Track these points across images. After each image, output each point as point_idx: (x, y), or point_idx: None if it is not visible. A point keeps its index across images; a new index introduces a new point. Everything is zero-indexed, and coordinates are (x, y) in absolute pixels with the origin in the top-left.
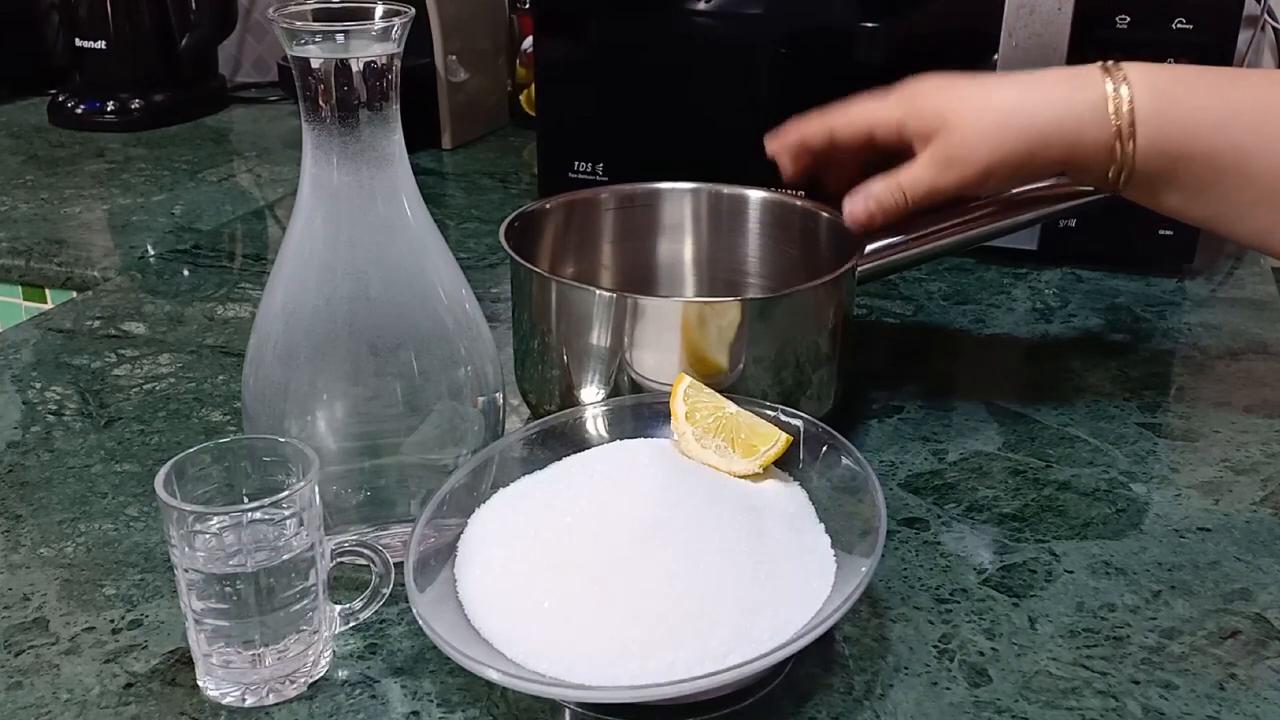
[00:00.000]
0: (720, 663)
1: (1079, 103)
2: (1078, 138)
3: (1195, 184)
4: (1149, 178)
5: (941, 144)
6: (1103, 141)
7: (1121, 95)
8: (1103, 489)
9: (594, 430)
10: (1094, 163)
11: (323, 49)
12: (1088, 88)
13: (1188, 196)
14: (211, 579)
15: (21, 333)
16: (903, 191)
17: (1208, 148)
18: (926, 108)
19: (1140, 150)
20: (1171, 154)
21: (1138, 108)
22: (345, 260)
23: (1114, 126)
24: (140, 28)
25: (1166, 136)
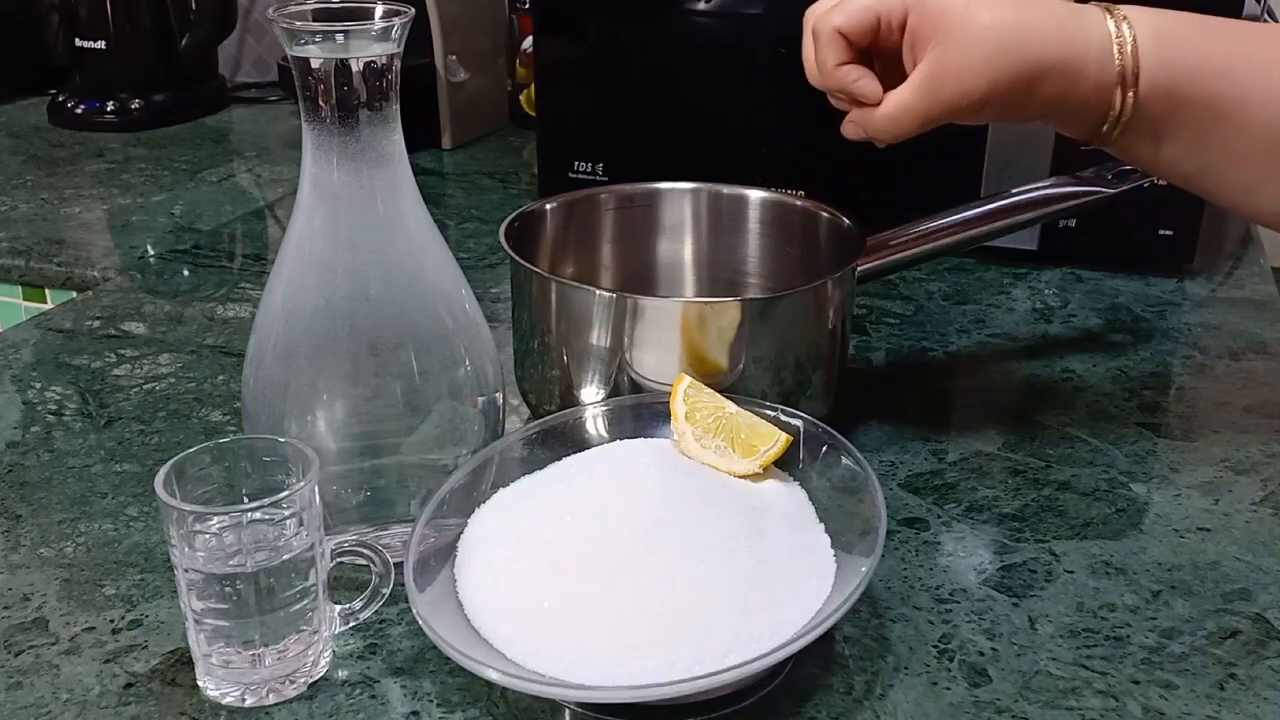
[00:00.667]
0: (720, 663)
1: (1083, 36)
2: (1079, 74)
3: (1191, 133)
4: (1144, 125)
5: (938, 59)
6: (1104, 82)
7: (1125, 35)
8: (1103, 489)
9: (594, 430)
10: (1088, 107)
11: (323, 49)
12: (1092, 24)
13: (1180, 147)
14: (211, 579)
15: (21, 333)
16: (889, 118)
17: (1210, 93)
18: (933, 8)
19: (1142, 93)
20: (1172, 98)
21: (1142, 48)
22: (345, 260)
23: (1117, 67)
24: (140, 28)
25: (1169, 80)
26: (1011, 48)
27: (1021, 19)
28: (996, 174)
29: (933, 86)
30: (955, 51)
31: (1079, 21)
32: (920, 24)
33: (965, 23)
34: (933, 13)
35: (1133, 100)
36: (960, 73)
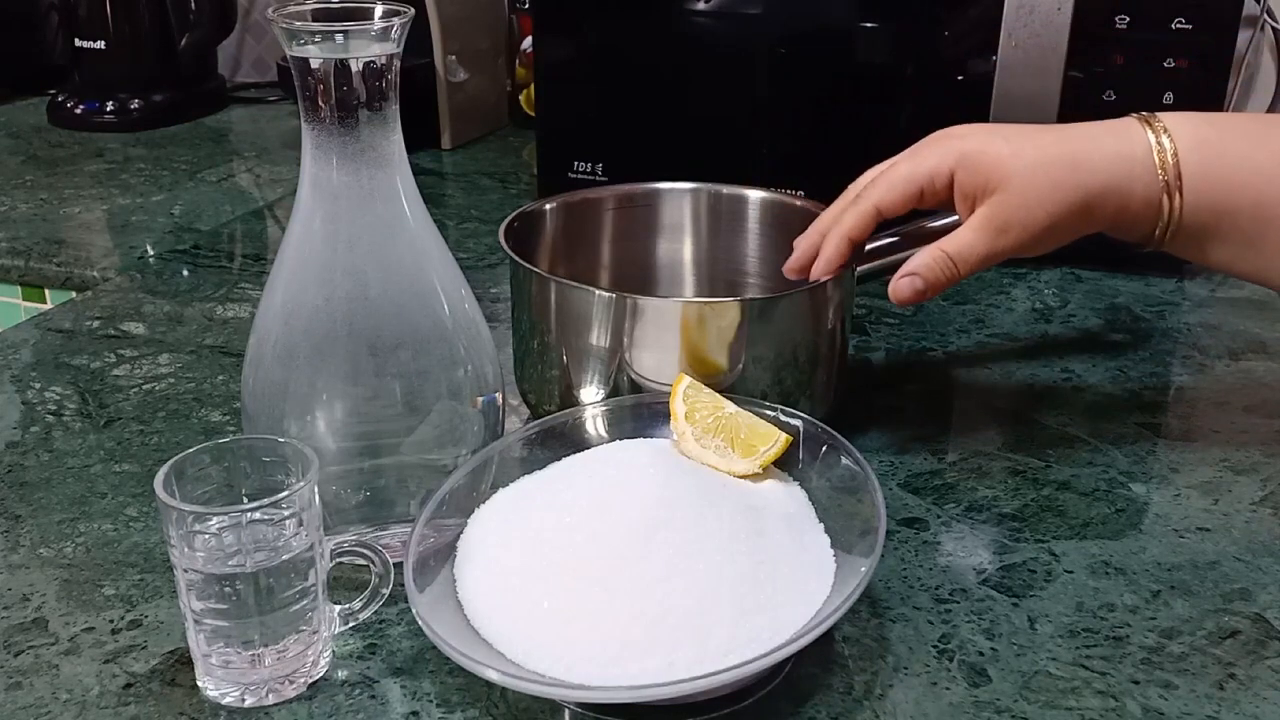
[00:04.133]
0: (719, 663)
1: (1128, 156)
2: (1128, 193)
3: (1242, 237)
4: (1194, 231)
5: (997, 206)
6: (1151, 197)
7: (1165, 147)
8: (1102, 489)
9: (594, 430)
10: (1142, 219)
11: (322, 49)
12: (1133, 140)
13: (1234, 249)
14: (211, 579)
15: (21, 333)
16: (953, 264)
17: (1254, 200)
18: (983, 162)
19: (1186, 204)
20: (1217, 207)
21: (1183, 160)
22: (344, 260)
23: (1161, 181)
24: (140, 28)
25: (1213, 189)
26: (1065, 179)
27: (1069, 151)
28: None
29: (996, 227)
30: (1014, 194)
31: (1122, 140)
32: (970, 179)
33: (1017, 166)
34: (983, 165)
35: (1180, 208)
36: (1020, 212)
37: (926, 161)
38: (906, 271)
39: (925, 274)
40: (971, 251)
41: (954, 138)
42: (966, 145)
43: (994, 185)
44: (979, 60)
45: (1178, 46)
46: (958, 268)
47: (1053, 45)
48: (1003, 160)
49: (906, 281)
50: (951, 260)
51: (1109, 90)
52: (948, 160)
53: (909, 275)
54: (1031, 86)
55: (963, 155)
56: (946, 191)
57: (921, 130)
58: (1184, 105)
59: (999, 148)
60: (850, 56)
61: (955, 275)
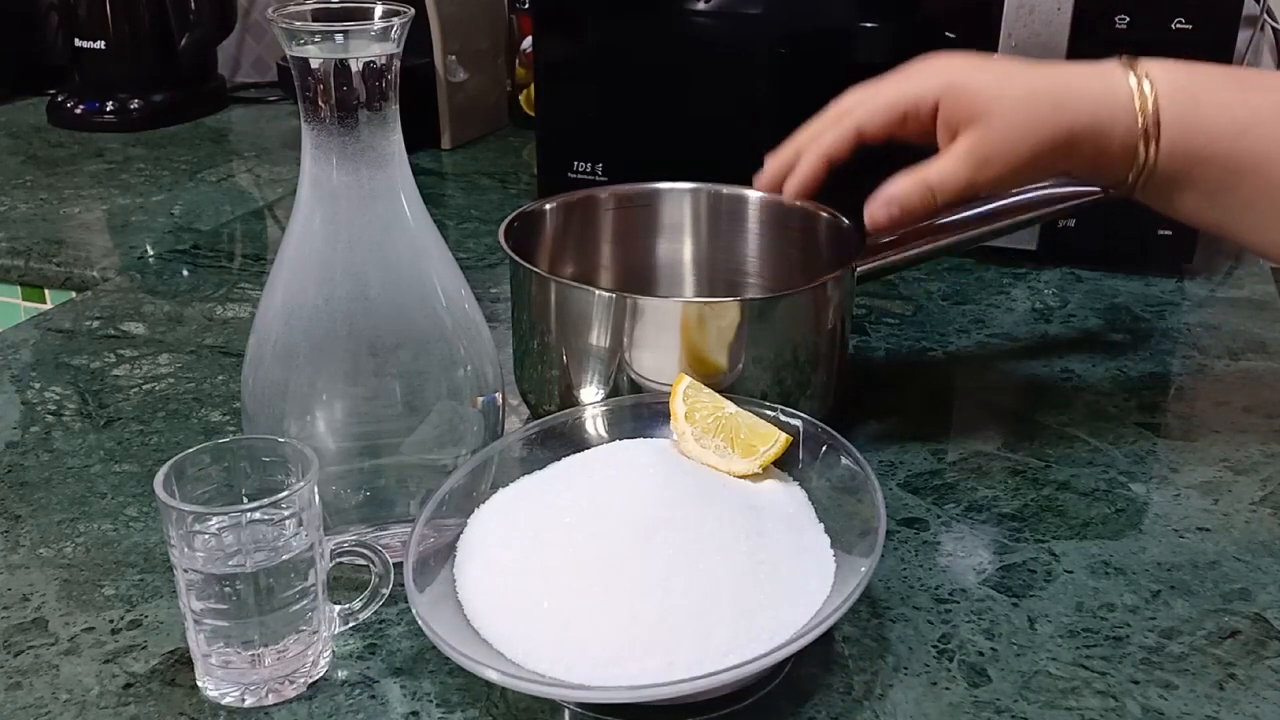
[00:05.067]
0: (719, 663)
1: (1110, 98)
2: (1108, 135)
3: (1211, 188)
4: (1166, 179)
5: (980, 136)
6: (1129, 141)
7: (1146, 92)
8: (1102, 489)
9: (593, 430)
10: (1116, 163)
11: (322, 49)
12: (1116, 83)
13: (1202, 200)
14: (211, 579)
15: (21, 333)
16: (931, 191)
17: (1227, 151)
18: (968, 91)
19: (1162, 151)
20: (1191, 156)
21: (1162, 107)
22: (344, 260)
23: (1140, 126)
24: (139, 28)
25: (1188, 138)
26: (1049, 116)
27: (1054, 88)
28: None
29: (978, 158)
30: (997, 126)
31: (1105, 83)
32: (955, 107)
33: (1002, 98)
34: (968, 94)
35: (1154, 155)
36: (1003, 145)
37: (913, 86)
38: (884, 198)
39: (903, 200)
40: (952, 181)
41: (940, 65)
42: (954, 74)
43: (978, 116)
44: None
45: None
46: (936, 196)
47: (1053, 45)
48: (989, 92)
49: (882, 208)
50: (930, 189)
51: None
52: (934, 87)
53: (886, 201)
54: None
55: (950, 84)
56: (930, 119)
57: None
58: None
59: (985, 79)
60: (850, 56)
61: (932, 205)
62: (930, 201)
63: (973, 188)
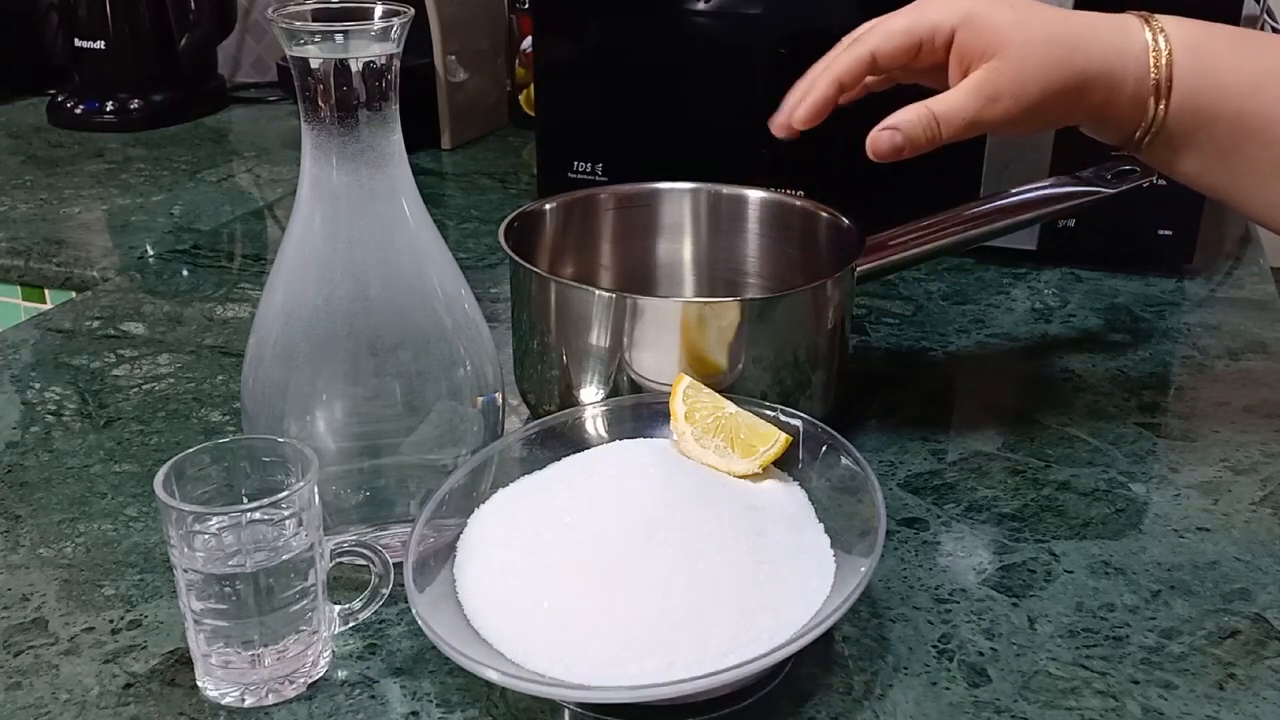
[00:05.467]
0: (719, 663)
1: (1125, 47)
2: (1119, 86)
3: (1218, 147)
4: (1173, 137)
5: (992, 72)
6: (1139, 94)
7: (1160, 47)
8: (1102, 489)
9: (593, 430)
10: (1124, 116)
11: (322, 49)
12: (1131, 35)
13: (1207, 160)
14: (211, 579)
15: (21, 333)
16: (937, 123)
17: (1236, 110)
18: (986, 25)
19: (1172, 107)
20: (1200, 113)
21: (1175, 62)
22: (344, 260)
23: (1152, 80)
24: (139, 28)
25: (1198, 95)
26: (1062, 59)
27: (1070, 32)
28: (996, 174)
29: (988, 93)
30: (1010, 62)
31: (1121, 33)
32: (971, 39)
33: (1018, 36)
34: (985, 28)
35: (1164, 111)
36: (1014, 83)
37: (931, 14)
38: (887, 125)
39: (907, 129)
40: (959, 114)
41: None
42: (973, 5)
43: (992, 51)
44: None
45: None
46: (941, 129)
47: None
48: (1006, 28)
49: (886, 135)
50: (936, 120)
51: None
52: (952, 17)
53: (889, 129)
54: None
55: (968, 15)
56: (945, 49)
57: None
58: None
59: (1004, 14)
60: None
61: (937, 137)
62: (934, 132)
63: (978, 124)
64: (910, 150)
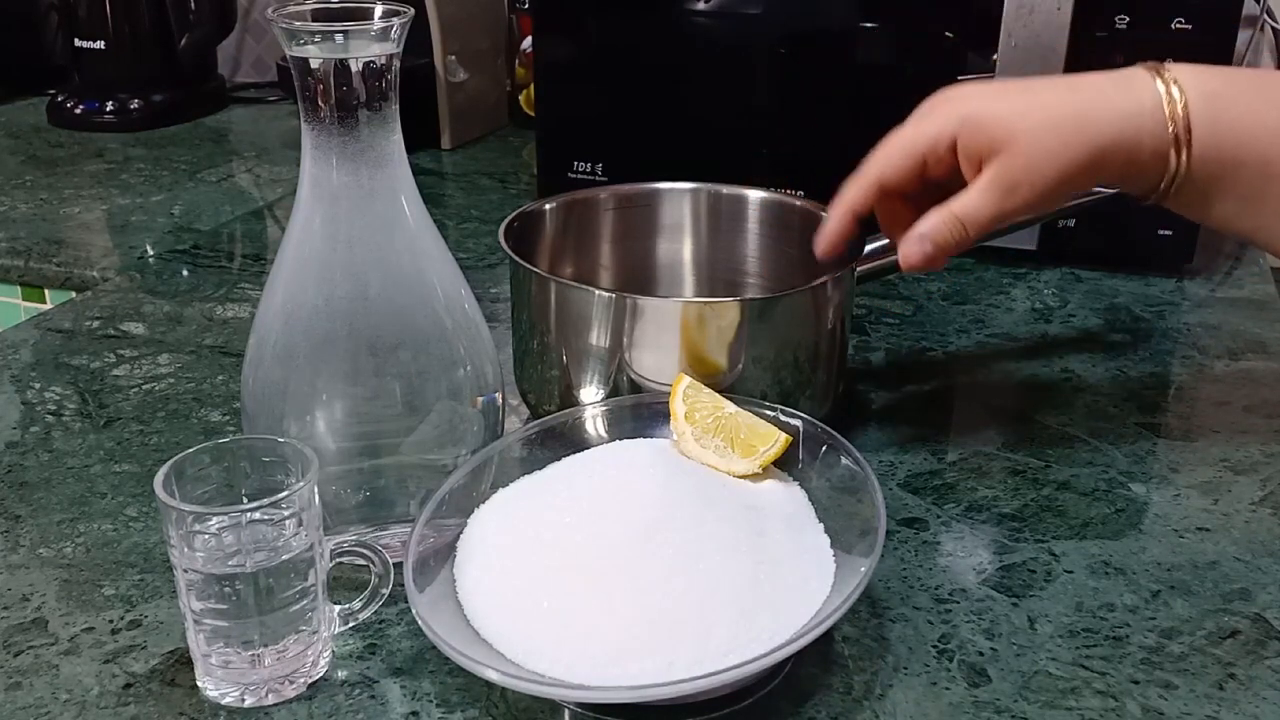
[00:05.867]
0: (719, 663)
1: (1136, 108)
2: (1137, 146)
3: (1244, 193)
4: (1199, 186)
5: (1004, 165)
6: (1159, 149)
7: (1175, 99)
8: (1102, 489)
9: (593, 430)
10: (1148, 172)
11: (322, 49)
12: (1141, 91)
13: (1236, 206)
14: (210, 579)
15: (21, 333)
16: (962, 225)
17: (1261, 155)
18: (986, 123)
19: (1194, 157)
20: (1224, 161)
21: (1193, 112)
22: (344, 260)
23: (1170, 133)
24: (139, 28)
25: (1221, 143)
26: (1072, 138)
27: (1076, 108)
28: None
29: (1005, 188)
30: (1020, 154)
31: (1130, 93)
32: (974, 141)
33: (1023, 126)
34: (986, 126)
35: (1186, 162)
36: (1030, 172)
37: (927, 128)
38: (916, 235)
39: (935, 237)
40: (980, 213)
41: (955, 100)
42: (968, 107)
43: (999, 146)
44: (979, 60)
45: (1178, 46)
46: (968, 230)
47: (1053, 45)
48: (1007, 121)
49: (916, 246)
50: (961, 222)
51: None
52: (949, 125)
53: (919, 239)
54: None
55: (964, 118)
56: (951, 157)
57: None
58: None
59: (1002, 108)
60: (850, 57)
61: (965, 238)
62: (962, 235)
63: (1003, 217)
64: (942, 257)
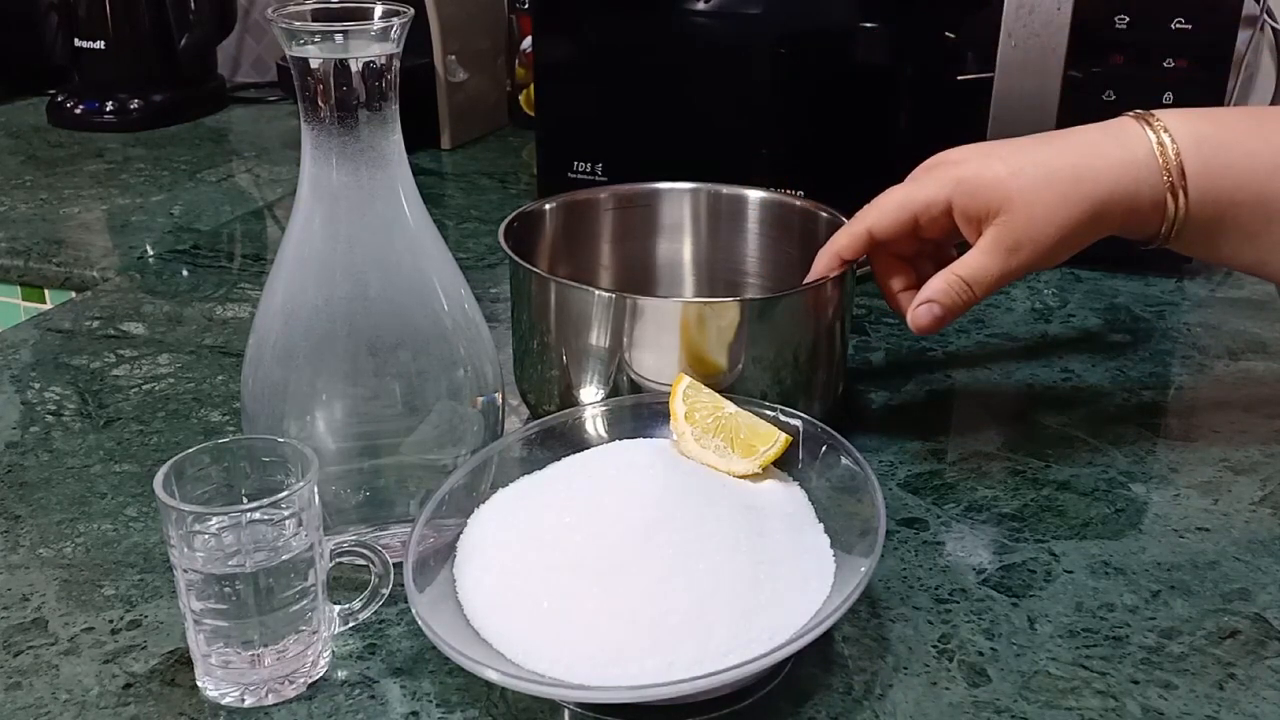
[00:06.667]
0: (719, 663)
1: (1131, 161)
2: (1136, 196)
3: (1245, 231)
4: (1199, 228)
5: (1005, 227)
6: (1157, 198)
7: (1167, 145)
8: (1102, 489)
9: (593, 430)
10: (1149, 220)
11: (322, 49)
12: (1134, 142)
13: (1237, 243)
14: (210, 579)
15: (20, 333)
16: (968, 287)
17: (1258, 194)
18: (981, 186)
19: (1192, 201)
20: (1222, 203)
21: (1185, 158)
22: (344, 260)
23: (1166, 181)
24: (139, 28)
25: (1216, 185)
26: (1070, 193)
27: (1070, 162)
28: None
29: (1007, 248)
30: (1020, 214)
31: (1123, 144)
32: (970, 204)
33: (1018, 186)
34: (982, 190)
35: (1185, 207)
36: (1029, 230)
37: (922, 190)
38: (924, 299)
39: (943, 300)
40: (985, 274)
41: (949, 164)
42: (963, 171)
43: (996, 208)
44: (979, 60)
45: (1178, 46)
46: (974, 291)
47: (1052, 45)
48: (1002, 182)
49: (925, 310)
50: (967, 284)
51: (1109, 90)
52: (944, 189)
53: (926, 303)
54: (1031, 86)
55: (959, 181)
56: (946, 219)
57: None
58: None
59: (996, 170)
60: (850, 56)
61: (972, 299)
62: (970, 296)
63: (1007, 276)
64: (949, 318)
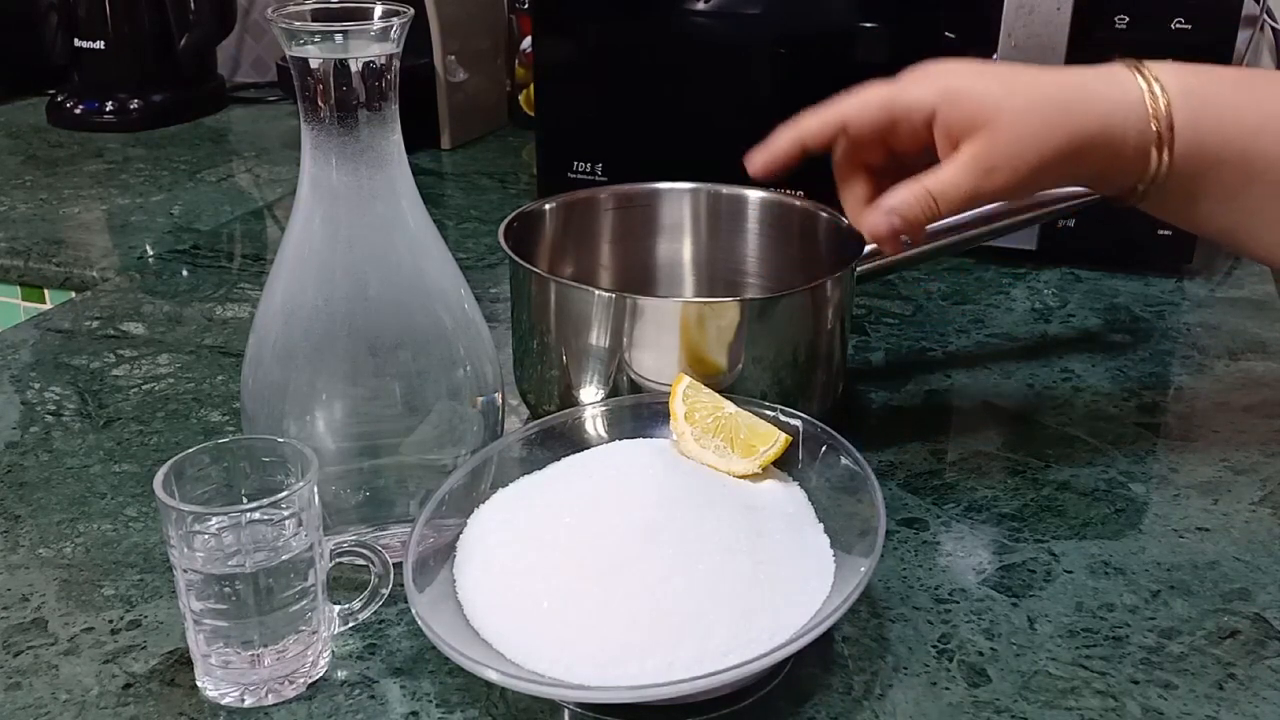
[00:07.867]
0: (719, 663)
1: (1121, 103)
2: (1121, 139)
3: (1222, 192)
4: (1177, 186)
5: (984, 144)
6: (1142, 145)
7: (1158, 96)
8: (1102, 489)
9: (593, 430)
10: (1128, 169)
11: (321, 49)
12: (1126, 87)
13: (1214, 204)
14: (210, 579)
15: (20, 333)
16: (933, 200)
17: (1241, 154)
18: (970, 98)
19: (1176, 155)
20: (1206, 159)
21: (1175, 110)
22: (344, 260)
23: (1154, 130)
24: (139, 28)
25: (1202, 140)
26: (1057, 123)
27: (1062, 93)
28: None
29: (984, 165)
30: (1003, 134)
31: (1114, 86)
32: (955, 115)
33: (1007, 105)
34: (969, 101)
35: (1168, 161)
36: (1009, 152)
37: (908, 94)
38: (884, 207)
39: (904, 211)
40: (955, 190)
41: (940, 73)
42: (952, 81)
43: (981, 123)
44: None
45: (1177, 46)
46: (939, 206)
47: (1052, 45)
48: (991, 98)
49: (884, 219)
50: (933, 198)
51: None
52: (930, 95)
53: (886, 210)
54: None
55: (947, 90)
56: (925, 129)
57: None
58: None
59: (987, 85)
60: (850, 56)
61: (935, 214)
62: (932, 210)
63: (977, 197)
64: (909, 232)
